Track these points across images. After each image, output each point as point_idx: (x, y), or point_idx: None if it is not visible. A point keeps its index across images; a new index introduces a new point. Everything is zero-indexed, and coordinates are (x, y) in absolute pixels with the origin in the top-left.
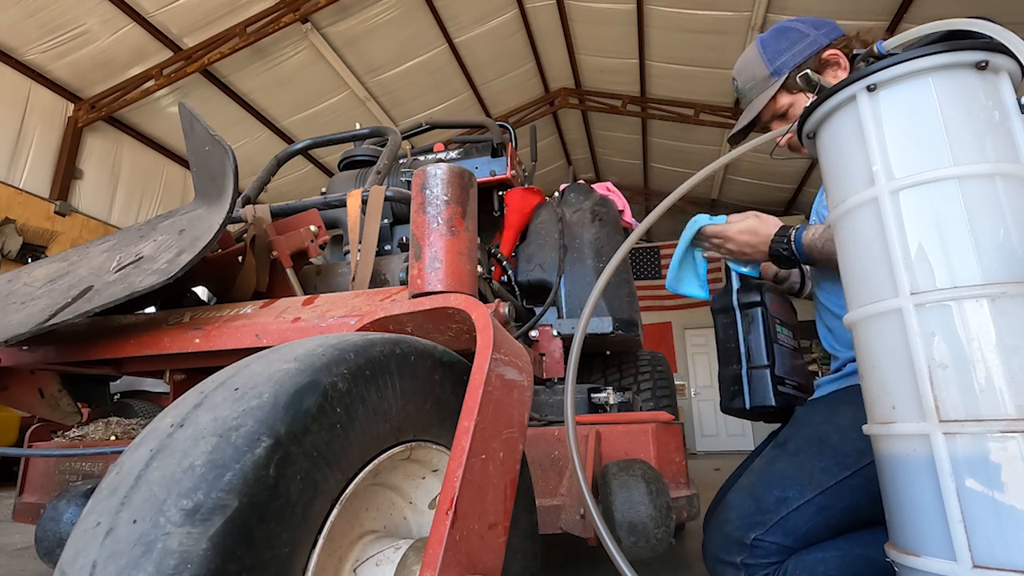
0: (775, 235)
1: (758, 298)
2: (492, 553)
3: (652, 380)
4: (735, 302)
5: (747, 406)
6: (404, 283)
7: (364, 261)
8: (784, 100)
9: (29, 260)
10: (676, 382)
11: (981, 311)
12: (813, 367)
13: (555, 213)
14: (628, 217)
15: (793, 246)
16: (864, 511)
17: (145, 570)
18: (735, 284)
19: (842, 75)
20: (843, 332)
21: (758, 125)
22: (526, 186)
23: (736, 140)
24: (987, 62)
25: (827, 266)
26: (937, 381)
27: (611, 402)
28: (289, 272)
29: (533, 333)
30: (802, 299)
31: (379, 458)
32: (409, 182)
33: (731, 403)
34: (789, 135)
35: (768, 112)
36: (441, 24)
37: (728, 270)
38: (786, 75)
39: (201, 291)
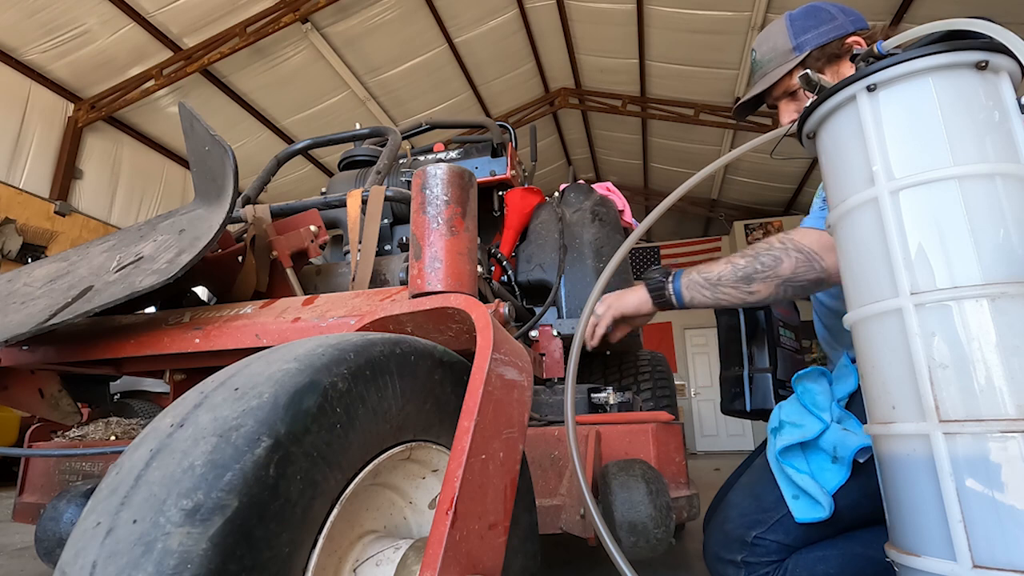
0: (648, 282)
1: None
2: (492, 553)
3: (652, 380)
4: None
5: (748, 408)
6: (404, 283)
7: (364, 261)
8: (796, 80)
9: (29, 260)
10: (676, 382)
11: (981, 311)
12: None
13: (555, 213)
14: (628, 217)
15: (670, 289)
16: (864, 509)
17: (145, 570)
18: None
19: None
20: (840, 331)
21: (768, 99)
22: (526, 186)
23: (743, 110)
24: (987, 62)
25: (709, 306)
26: (937, 381)
27: (611, 402)
28: (289, 272)
29: (533, 333)
30: (800, 299)
31: (379, 458)
32: (409, 182)
33: (732, 405)
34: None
35: (780, 87)
36: (441, 24)
37: None
38: (807, 53)
39: (201, 291)
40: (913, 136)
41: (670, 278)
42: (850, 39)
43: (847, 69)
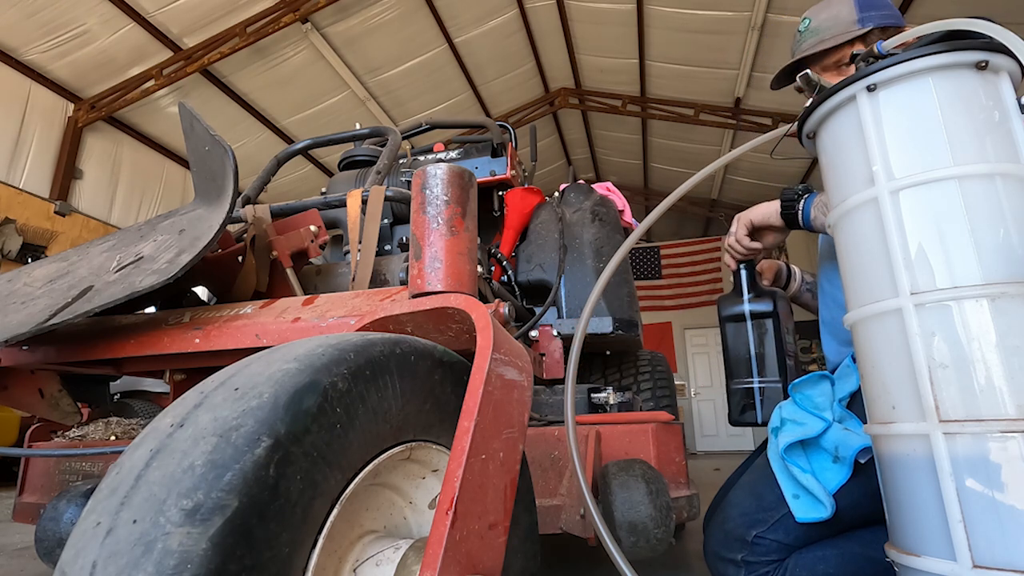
0: (783, 192)
1: (771, 307)
2: (492, 553)
3: (652, 380)
4: (747, 311)
5: (759, 421)
6: (404, 283)
7: (364, 261)
8: (849, 52)
9: (29, 260)
10: (676, 382)
11: (981, 311)
12: (814, 367)
13: (555, 213)
14: (628, 217)
15: (801, 205)
16: (865, 509)
17: (145, 570)
18: (746, 292)
19: None
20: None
21: (813, 66)
22: (526, 186)
23: (782, 78)
24: (987, 62)
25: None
26: (937, 381)
27: (611, 402)
28: (289, 272)
29: (533, 333)
30: (787, 297)
31: (379, 458)
32: (409, 182)
33: (742, 417)
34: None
35: (834, 56)
36: (441, 24)
37: (737, 273)
38: (869, 28)
39: (201, 291)
40: (913, 136)
41: (805, 195)
42: (907, 29)
43: None
